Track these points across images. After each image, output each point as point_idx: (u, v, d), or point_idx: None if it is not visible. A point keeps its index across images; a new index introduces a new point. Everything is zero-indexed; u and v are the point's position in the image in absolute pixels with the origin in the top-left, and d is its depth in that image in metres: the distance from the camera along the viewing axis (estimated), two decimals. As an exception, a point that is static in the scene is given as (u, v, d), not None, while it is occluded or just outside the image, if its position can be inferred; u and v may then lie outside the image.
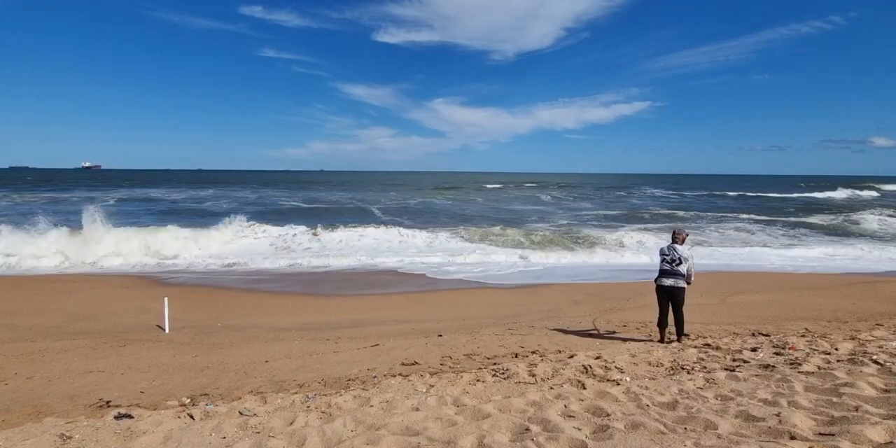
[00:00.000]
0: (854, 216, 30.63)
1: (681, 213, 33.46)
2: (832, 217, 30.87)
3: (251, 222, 21.05)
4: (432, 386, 4.65)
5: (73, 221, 18.21)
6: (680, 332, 6.94)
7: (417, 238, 20.26)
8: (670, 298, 6.95)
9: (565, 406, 3.90)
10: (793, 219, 29.87)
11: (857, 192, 61.69)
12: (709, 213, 32.56)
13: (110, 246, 16.31)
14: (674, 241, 7.09)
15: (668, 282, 6.94)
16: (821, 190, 62.04)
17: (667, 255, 7.00)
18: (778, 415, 3.48)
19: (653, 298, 7.28)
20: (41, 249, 15.50)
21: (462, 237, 20.68)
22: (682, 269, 6.89)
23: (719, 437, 3.17)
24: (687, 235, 7.29)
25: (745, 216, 30.85)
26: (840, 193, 58.68)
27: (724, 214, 32.22)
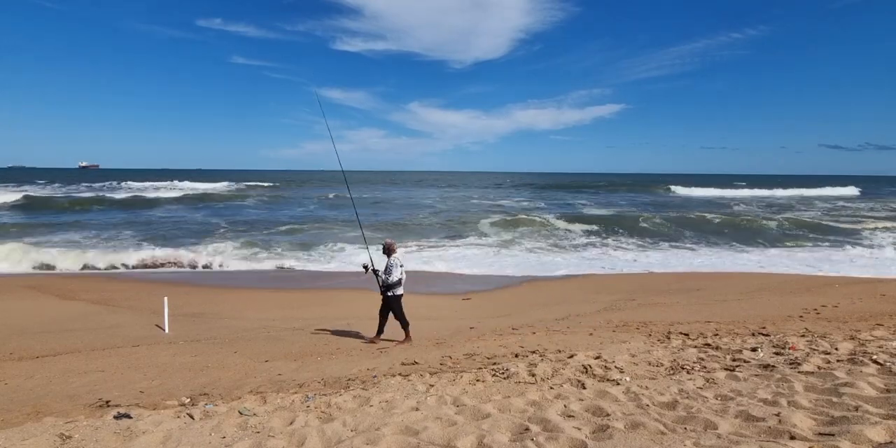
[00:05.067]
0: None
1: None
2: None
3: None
4: (432, 386, 4.65)
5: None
6: None
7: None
8: None
9: (565, 406, 3.89)
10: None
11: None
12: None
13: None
14: None
15: None
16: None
17: None
18: (778, 415, 3.48)
19: (653, 298, 7.38)
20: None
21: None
22: None
23: (719, 436, 3.16)
24: None
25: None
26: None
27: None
